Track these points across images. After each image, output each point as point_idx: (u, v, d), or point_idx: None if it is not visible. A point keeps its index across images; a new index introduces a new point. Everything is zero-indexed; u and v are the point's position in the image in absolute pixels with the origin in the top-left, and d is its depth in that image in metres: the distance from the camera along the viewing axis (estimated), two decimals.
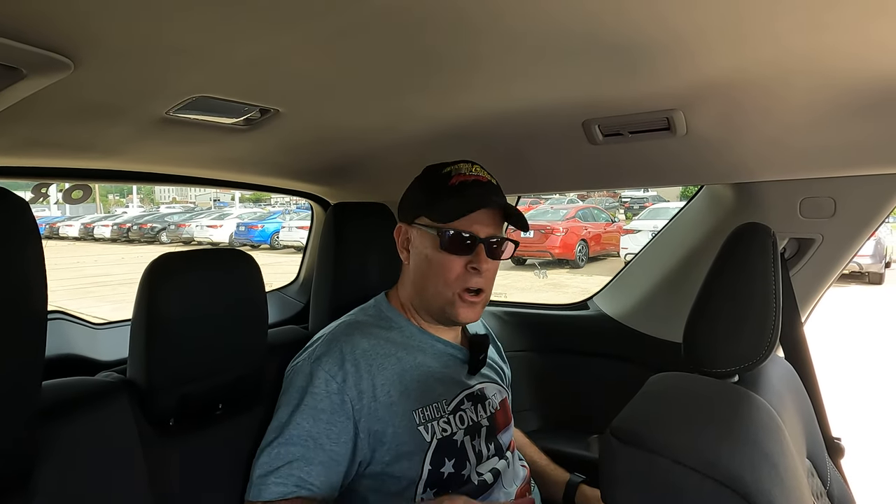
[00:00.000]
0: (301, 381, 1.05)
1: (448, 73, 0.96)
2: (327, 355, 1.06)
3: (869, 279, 9.49)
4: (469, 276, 1.08)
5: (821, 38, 0.79)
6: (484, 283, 1.10)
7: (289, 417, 1.02)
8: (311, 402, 1.02)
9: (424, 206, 1.10)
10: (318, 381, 1.03)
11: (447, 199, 1.07)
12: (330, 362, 1.05)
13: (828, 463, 1.10)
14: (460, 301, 1.09)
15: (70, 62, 0.75)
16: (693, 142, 1.22)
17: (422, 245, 1.11)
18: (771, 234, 0.95)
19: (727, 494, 0.54)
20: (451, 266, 1.07)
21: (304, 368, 1.07)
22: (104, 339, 1.59)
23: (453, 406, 1.12)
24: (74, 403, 0.92)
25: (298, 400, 1.03)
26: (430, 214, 1.09)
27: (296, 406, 1.03)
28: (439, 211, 1.07)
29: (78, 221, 22.15)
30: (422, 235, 1.11)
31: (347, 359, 1.05)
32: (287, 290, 2.12)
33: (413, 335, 1.13)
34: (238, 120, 1.12)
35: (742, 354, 0.87)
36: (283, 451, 1.00)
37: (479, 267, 1.07)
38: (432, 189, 1.11)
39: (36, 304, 0.71)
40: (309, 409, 1.02)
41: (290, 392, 1.06)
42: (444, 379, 1.13)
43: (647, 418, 0.64)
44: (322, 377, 1.04)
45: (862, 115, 1.06)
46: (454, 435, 1.10)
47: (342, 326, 1.13)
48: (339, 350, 1.06)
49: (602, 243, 12.77)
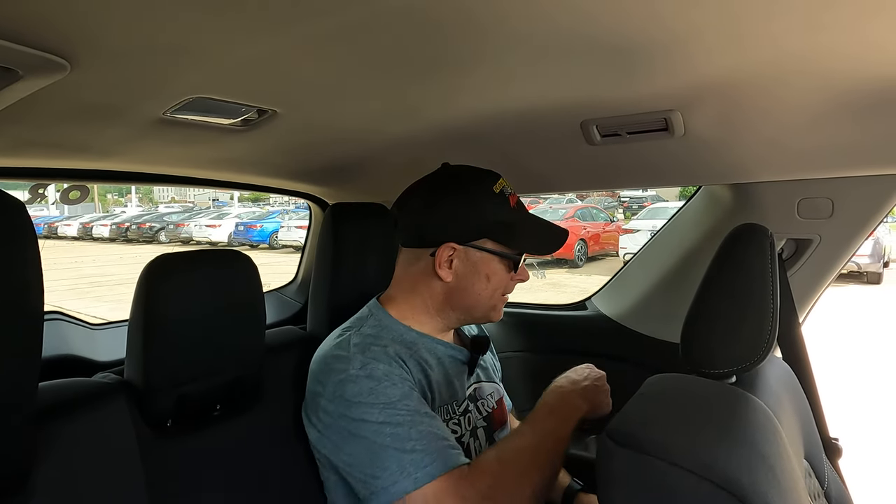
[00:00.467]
0: (367, 385, 0.99)
1: (448, 73, 0.96)
2: (372, 359, 1.02)
3: (867, 279, 9.50)
4: (511, 286, 1.16)
5: (818, 38, 0.80)
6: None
7: (391, 410, 0.97)
8: (395, 392, 0.99)
9: (491, 230, 1.09)
10: (383, 378, 1.00)
11: (525, 227, 1.12)
12: (381, 363, 1.01)
13: (825, 463, 1.10)
14: (500, 304, 1.16)
15: (66, 63, 0.74)
16: (691, 142, 1.22)
17: (485, 266, 1.10)
18: (769, 235, 0.95)
19: (723, 497, 0.54)
20: (506, 280, 1.13)
21: (358, 375, 1.00)
22: (102, 340, 1.59)
23: (462, 408, 1.13)
24: (72, 404, 0.92)
25: (382, 397, 0.98)
26: (506, 241, 1.10)
27: (385, 401, 0.98)
28: (515, 237, 1.11)
29: (76, 221, 22.12)
30: (488, 258, 1.10)
31: (391, 356, 1.04)
32: (285, 290, 2.12)
33: (415, 341, 1.12)
34: (235, 121, 1.11)
35: (740, 355, 0.87)
36: (420, 428, 0.96)
37: (524, 278, 1.16)
38: (497, 212, 1.09)
39: (32, 305, 0.71)
40: (398, 395, 0.99)
41: (361, 400, 0.98)
42: (452, 381, 1.14)
43: (644, 420, 0.64)
44: (385, 373, 1.00)
45: (859, 116, 1.06)
46: (462, 437, 1.10)
47: (359, 337, 1.07)
48: (376, 352, 1.03)
49: (601, 243, 12.79)
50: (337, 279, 1.36)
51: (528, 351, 1.87)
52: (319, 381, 1.04)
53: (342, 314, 1.24)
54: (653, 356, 1.61)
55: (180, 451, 1.03)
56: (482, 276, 1.10)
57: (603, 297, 1.86)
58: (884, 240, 9.91)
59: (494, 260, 1.10)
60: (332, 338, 1.11)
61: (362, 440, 0.96)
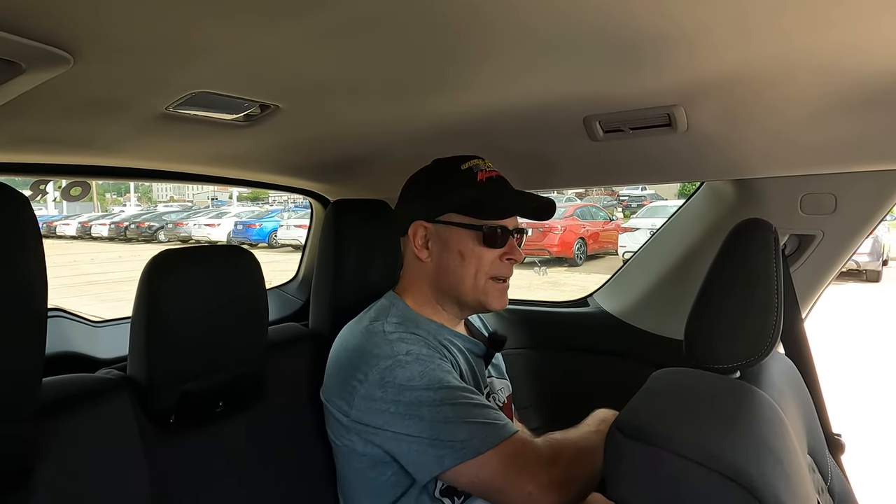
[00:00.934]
0: (418, 368, 1.00)
1: (453, 68, 0.96)
2: (412, 345, 1.03)
3: (866, 277, 9.52)
4: (505, 267, 1.14)
5: (827, 34, 0.79)
6: (512, 272, 1.17)
7: (445, 391, 0.98)
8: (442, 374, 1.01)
9: (455, 203, 1.11)
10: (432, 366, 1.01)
11: (489, 196, 1.11)
12: (423, 354, 1.03)
13: (828, 459, 1.10)
14: (493, 289, 1.13)
15: (70, 57, 0.74)
16: (694, 138, 1.22)
17: (455, 241, 1.12)
18: (773, 230, 0.94)
19: (733, 488, 0.53)
20: (486, 258, 1.11)
21: (405, 360, 1.01)
22: (103, 337, 1.58)
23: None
24: (75, 400, 0.92)
25: (434, 378, 0.99)
26: (468, 211, 1.11)
27: (440, 380, 0.99)
28: (481, 208, 1.10)
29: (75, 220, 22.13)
30: (456, 232, 1.12)
31: (431, 347, 1.05)
32: (286, 287, 2.12)
33: (438, 332, 1.13)
34: (238, 116, 1.11)
35: (744, 351, 0.87)
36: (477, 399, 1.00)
37: (515, 258, 1.14)
38: (461, 186, 1.12)
39: (36, 300, 0.71)
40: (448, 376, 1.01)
41: (413, 384, 0.99)
42: (476, 374, 1.15)
43: (652, 413, 0.64)
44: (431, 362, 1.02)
45: (863, 111, 1.06)
46: None
47: (391, 326, 1.08)
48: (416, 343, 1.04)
49: (600, 241, 12.79)
50: (339, 276, 1.35)
51: (530, 347, 1.87)
52: (359, 369, 1.03)
53: (345, 311, 1.24)
54: (655, 353, 1.61)
55: (183, 447, 1.03)
56: (455, 252, 1.11)
57: (605, 294, 1.86)
58: (883, 238, 9.92)
59: (462, 233, 1.11)
60: (359, 328, 1.10)
61: (421, 420, 0.97)
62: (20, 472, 0.77)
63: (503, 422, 0.99)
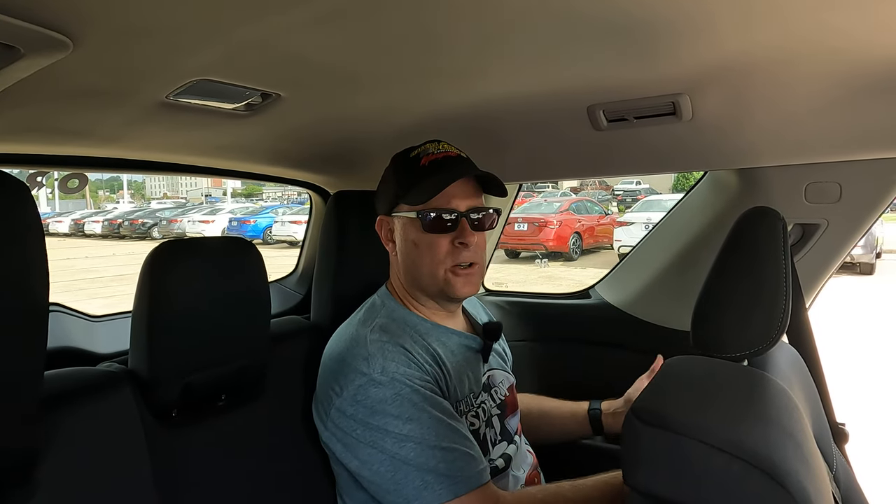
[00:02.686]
0: (390, 391, 0.98)
1: (456, 57, 0.95)
2: (391, 360, 1.00)
3: (860, 269, 9.58)
4: (458, 252, 1.07)
5: (830, 18, 0.79)
6: (474, 257, 1.09)
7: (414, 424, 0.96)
8: (417, 398, 0.98)
9: (400, 194, 1.10)
10: (406, 382, 0.98)
11: (421, 181, 1.07)
12: (401, 365, 1.00)
13: (833, 448, 1.10)
14: (454, 277, 1.08)
15: (69, 41, 0.72)
16: (699, 127, 1.21)
17: (406, 232, 1.10)
18: (780, 218, 0.94)
19: (756, 474, 0.53)
20: (438, 245, 1.07)
21: (380, 380, 0.98)
22: (102, 332, 1.57)
23: (479, 400, 1.13)
24: (77, 394, 0.90)
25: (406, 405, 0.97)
26: (407, 200, 1.08)
27: (411, 412, 0.97)
28: (415, 194, 1.06)
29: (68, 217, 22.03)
30: (404, 223, 1.10)
31: (408, 356, 1.02)
32: (285, 281, 2.10)
33: (429, 331, 1.11)
34: (239, 105, 1.10)
35: (752, 339, 0.87)
36: (444, 444, 0.95)
37: (466, 241, 1.06)
38: (404, 174, 1.10)
39: (37, 291, 0.70)
40: (421, 404, 0.98)
41: (385, 407, 0.97)
42: (468, 372, 1.13)
43: (671, 400, 0.63)
44: (406, 377, 0.99)
45: (868, 98, 1.06)
46: (480, 428, 1.10)
47: (375, 333, 1.06)
48: (394, 352, 1.02)
49: (595, 236, 12.82)
50: (341, 267, 1.34)
51: (533, 340, 1.86)
52: (337, 381, 1.02)
53: (346, 303, 1.23)
54: (657, 344, 1.60)
55: (186, 440, 1.02)
56: (409, 242, 1.09)
57: (607, 285, 1.85)
58: (876, 231, 9.97)
59: (408, 223, 1.09)
60: (346, 334, 1.09)
61: (383, 452, 0.96)
62: (23, 466, 0.76)
63: (467, 471, 0.96)
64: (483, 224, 1.10)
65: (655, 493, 0.58)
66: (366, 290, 1.22)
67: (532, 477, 1.18)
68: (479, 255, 1.11)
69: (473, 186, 1.10)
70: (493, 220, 1.12)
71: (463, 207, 1.07)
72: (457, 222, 1.07)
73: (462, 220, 1.07)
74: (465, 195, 1.08)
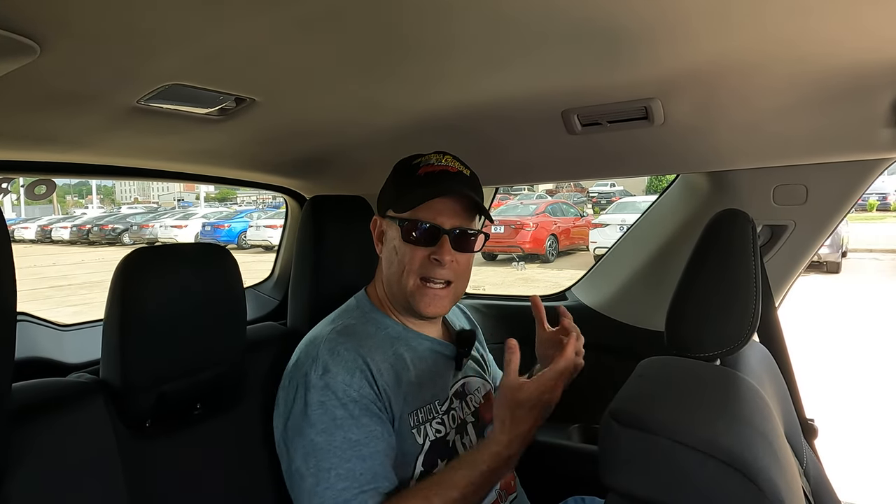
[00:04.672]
0: (318, 397, 0.98)
1: (430, 61, 0.95)
2: (336, 364, 1.00)
3: (827, 268, 9.83)
4: (431, 267, 1.05)
5: (805, 22, 0.81)
6: (451, 275, 1.07)
7: (325, 437, 0.96)
8: (341, 414, 0.97)
9: (392, 198, 1.10)
10: (338, 392, 0.98)
11: (412, 190, 1.05)
12: (342, 371, 0.99)
13: (803, 443, 1.13)
14: (421, 291, 1.06)
15: (36, 46, 0.71)
16: (670, 131, 1.24)
17: (391, 237, 1.10)
18: (750, 220, 0.96)
19: (730, 473, 0.54)
20: (413, 257, 1.05)
21: (315, 384, 0.99)
22: (71, 341, 1.53)
23: (445, 407, 1.11)
24: (47, 405, 0.88)
25: (325, 418, 0.97)
26: (396, 206, 1.08)
27: (327, 425, 0.96)
28: (403, 202, 1.06)
29: (34, 223, 21.45)
30: (390, 227, 1.10)
31: (356, 363, 1.01)
32: (261, 287, 2.08)
33: (399, 335, 1.10)
34: (213, 110, 1.08)
35: (724, 339, 0.89)
36: (341, 471, 0.94)
37: (440, 258, 1.04)
38: (401, 181, 1.10)
39: (4, 299, 0.68)
40: (340, 421, 0.96)
41: (310, 412, 0.97)
42: (435, 379, 1.11)
43: (646, 401, 0.64)
44: (340, 388, 0.98)
45: (834, 103, 1.09)
46: (447, 436, 1.09)
47: (334, 334, 1.06)
48: (343, 357, 1.01)
49: (571, 237, 12.94)
50: (318, 272, 1.33)
51: None
52: (287, 375, 1.05)
53: (324, 308, 1.22)
54: (633, 344, 1.63)
55: (160, 451, 1.00)
56: (391, 247, 1.09)
57: (583, 287, 1.87)
58: (842, 230, 10.25)
59: (393, 228, 1.09)
60: (309, 335, 1.10)
61: (294, 454, 0.97)
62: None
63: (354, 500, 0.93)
64: (464, 245, 1.08)
65: (633, 493, 0.59)
66: (343, 295, 1.21)
67: (507, 480, 1.18)
68: (459, 275, 1.09)
69: (464, 206, 1.07)
70: (475, 244, 1.10)
71: (447, 225, 1.05)
72: (436, 238, 1.05)
73: (443, 237, 1.05)
74: (452, 213, 1.05)
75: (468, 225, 1.08)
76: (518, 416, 0.95)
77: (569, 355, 1.00)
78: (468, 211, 1.07)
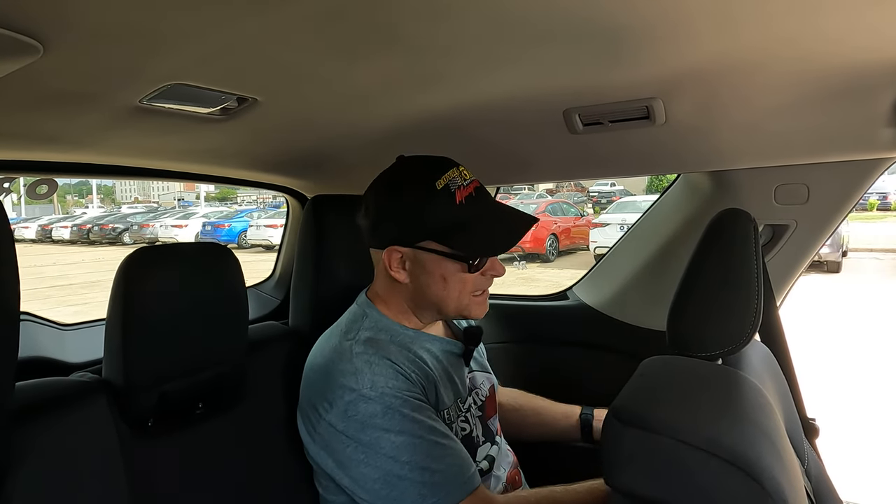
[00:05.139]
0: (380, 405, 0.97)
1: (431, 60, 0.95)
2: (377, 374, 0.99)
3: (827, 268, 9.83)
4: (486, 281, 1.10)
5: (807, 20, 0.80)
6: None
7: (406, 436, 0.95)
8: (408, 411, 0.97)
9: (434, 231, 1.02)
10: (393, 396, 0.97)
11: (472, 225, 1.02)
12: (388, 378, 0.99)
13: (804, 442, 1.13)
14: (474, 302, 1.09)
15: (39, 45, 0.71)
16: (672, 130, 1.24)
17: (436, 267, 1.04)
18: (752, 220, 0.97)
19: (732, 472, 0.54)
20: (470, 280, 1.07)
21: (370, 395, 0.97)
22: (73, 341, 1.53)
23: (468, 404, 1.13)
24: (49, 405, 0.88)
25: (397, 418, 0.96)
26: (448, 242, 1.02)
27: (401, 424, 0.96)
28: (467, 241, 1.02)
29: (35, 223, 21.48)
30: (437, 259, 1.04)
31: (393, 368, 1.01)
32: (262, 286, 2.08)
33: (413, 339, 1.09)
34: (214, 109, 1.08)
35: (726, 338, 0.89)
36: (436, 452, 0.96)
37: (497, 273, 1.10)
38: (438, 210, 1.01)
39: (8, 301, 0.68)
40: (410, 416, 0.97)
41: (376, 422, 0.96)
42: (455, 377, 1.12)
43: (649, 400, 0.64)
44: (392, 387, 0.98)
45: (836, 102, 1.09)
46: (472, 433, 1.10)
47: (360, 346, 1.03)
48: (380, 365, 1.00)
49: (571, 237, 12.94)
50: (319, 272, 1.33)
51: (510, 342, 1.87)
52: (325, 396, 1.00)
53: (326, 307, 1.22)
54: (634, 344, 1.63)
55: (162, 450, 1.00)
56: (436, 277, 1.04)
57: (584, 287, 1.87)
58: (842, 230, 10.25)
59: (444, 261, 1.03)
60: (328, 345, 1.07)
61: (376, 469, 0.95)
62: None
63: (462, 477, 0.96)
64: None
65: (636, 492, 0.59)
66: (345, 294, 1.21)
67: (513, 475, 1.19)
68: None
69: None
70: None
71: None
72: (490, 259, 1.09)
73: (494, 258, 1.09)
74: None
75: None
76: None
77: None
78: None
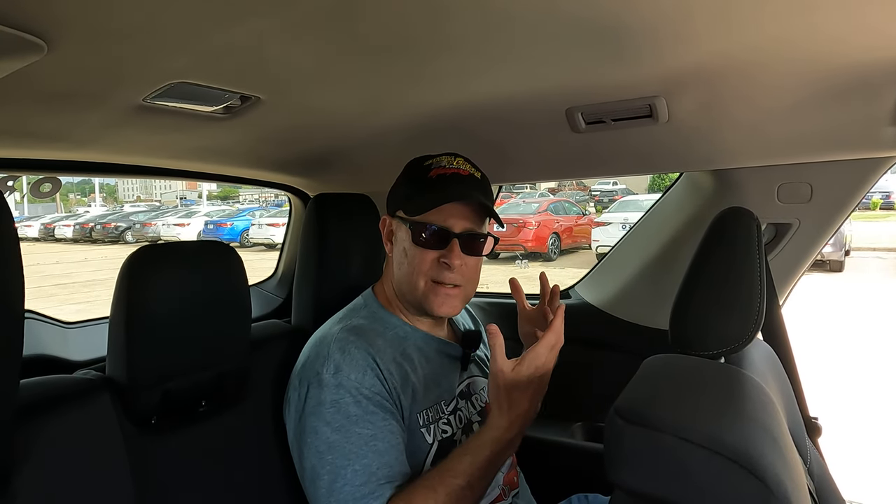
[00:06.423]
0: (331, 396, 0.99)
1: (433, 59, 0.95)
2: (347, 363, 1.01)
3: (830, 267, 9.81)
4: (440, 270, 1.06)
5: (810, 19, 0.80)
6: (460, 279, 1.07)
7: (340, 435, 0.96)
8: (354, 411, 0.98)
9: (403, 200, 1.10)
10: (351, 390, 0.98)
11: (423, 192, 1.06)
12: (354, 369, 1.00)
13: (807, 441, 1.13)
14: (433, 292, 1.07)
15: (43, 44, 0.71)
16: (675, 129, 1.24)
17: (400, 238, 1.10)
18: (755, 219, 0.96)
19: (734, 469, 0.54)
20: (423, 259, 1.06)
21: (328, 382, 0.99)
22: (77, 339, 1.54)
23: (452, 407, 1.12)
24: (54, 402, 0.88)
25: (340, 415, 0.98)
26: (407, 208, 1.08)
27: (341, 423, 0.97)
28: (413, 204, 1.06)
29: (37, 222, 21.52)
30: (400, 228, 1.10)
31: (366, 362, 1.01)
32: (265, 285, 2.08)
33: (407, 335, 1.11)
34: (218, 108, 1.09)
35: (728, 337, 0.89)
36: (357, 468, 0.94)
37: (450, 262, 1.05)
38: (412, 182, 1.10)
39: (13, 299, 0.68)
40: (355, 418, 0.97)
41: (323, 411, 0.98)
42: (442, 379, 1.12)
43: (651, 398, 0.65)
44: (353, 386, 0.99)
45: (838, 101, 1.08)
46: (454, 435, 1.10)
47: (344, 332, 1.06)
48: (354, 355, 1.01)
49: (573, 236, 12.93)
50: (322, 270, 1.33)
51: (514, 340, 1.87)
52: (298, 379, 1.05)
53: (328, 305, 1.23)
54: (636, 342, 1.63)
55: (166, 448, 1.01)
56: (401, 248, 1.10)
57: (586, 286, 1.87)
58: (845, 229, 10.23)
59: (404, 230, 1.09)
60: (318, 334, 1.11)
61: (308, 452, 0.98)
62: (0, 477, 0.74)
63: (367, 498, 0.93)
64: (473, 248, 1.08)
65: (638, 490, 0.59)
66: (347, 293, 1.21)
67: (511, 477, 1.19)
68: (467, 279, 1.09)
69: (474, 210, 1.07)
70: (484, 247, 1.10)
71: (458, 228, 1.06)
72: (446, 241, 1.05)
73: (453, 241, 1.05)
74: (462, 216, 1.06)
75: (477, 228, 1.08)
76: (514, 398, 0.96)
77: (557, 327, 1.00)
78: (478, 214, 1.08)
